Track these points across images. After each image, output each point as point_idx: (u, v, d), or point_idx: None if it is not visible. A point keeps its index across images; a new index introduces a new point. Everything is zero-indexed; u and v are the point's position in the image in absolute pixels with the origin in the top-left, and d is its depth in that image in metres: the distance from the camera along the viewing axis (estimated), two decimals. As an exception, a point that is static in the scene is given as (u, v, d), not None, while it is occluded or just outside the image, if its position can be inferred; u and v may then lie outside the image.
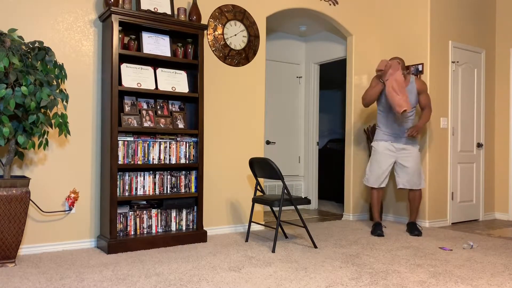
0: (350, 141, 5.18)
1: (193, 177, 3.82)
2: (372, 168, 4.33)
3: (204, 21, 4.13)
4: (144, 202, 3.66)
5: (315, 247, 3.59)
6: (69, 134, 3.13)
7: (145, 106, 3.70)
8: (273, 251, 3.43)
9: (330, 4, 4.97)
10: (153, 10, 3.62)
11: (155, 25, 3.57)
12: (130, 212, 3.54)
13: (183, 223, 3.80)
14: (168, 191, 3.71)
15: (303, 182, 6.36)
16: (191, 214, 3.83)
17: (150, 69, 3.66)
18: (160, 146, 3.65)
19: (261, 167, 3.72)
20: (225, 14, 4.24)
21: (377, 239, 3.96)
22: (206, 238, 3.79)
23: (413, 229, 4.21)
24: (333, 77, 7.74)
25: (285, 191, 3.59)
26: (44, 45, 3.33)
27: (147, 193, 3.60)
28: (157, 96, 3.75)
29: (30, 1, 3.32)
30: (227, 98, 4.27)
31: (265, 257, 3.28)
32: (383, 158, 4.26)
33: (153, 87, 3.63)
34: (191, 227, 3.83)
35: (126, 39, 3.67)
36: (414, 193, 4.31)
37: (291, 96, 6.29)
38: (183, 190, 3.78)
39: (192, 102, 3.92)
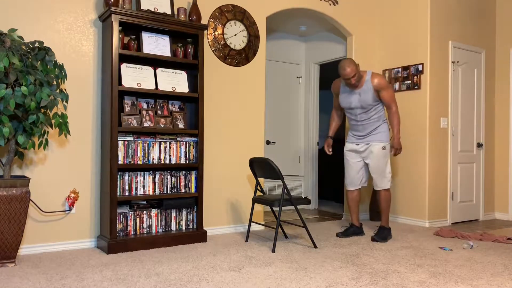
0: (350, 141, 5.18)
1: (193, 177, 3.82)
2: (345, 172, 4.17)
3: (204, 21, 4.13)
4: (144, 202, 3.66)
5: (315, 247, 3.59)
6: (69, 134, 3.13)
7: (145, 106, 3.70)
8: (273, 251, 3.43)
9: (330, 4, 4.97)
10: (153, 10, 3.62)
11: (155, 25, 3.57)
12: (130, 212, 3.54)
13: (183, 223, 3.80)
14: (168, 191, 3.71)
15: (303, 182, 6.36)
16: (191, 214, 3.83)
17: (150, 69, 3.66)
18: (160, 146, 3.65)
19: (261, 167, 3.71)
20: (225, 14, 4.24)
21: (377, 239, 3.96)
22: (206, 238, 3.79)
23: (378, 233, 3.95)
24: (333, 77, 7.72)
25: (285, 191, 3.59)
26: (44, 45, 3.33)
27: (147, 193, 3.60)
28: (157, 96, 3.75)
29: (30, 1, 3.32)
30: (227, 98, 4.27)
31: (265, 257, 3.28)
32: (351, 160, 4.10)
33: (153, 87, 3.63)
34: (191, 227, 3.83)
35: (126, 39, 3.67)
36: (379, 194, 4.01)
37: (291, 96, 6.29)
38: (183, 190, 3.78)
39: (192, 102, 3.92)
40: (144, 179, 3.59)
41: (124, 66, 3.54)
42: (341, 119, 4.32)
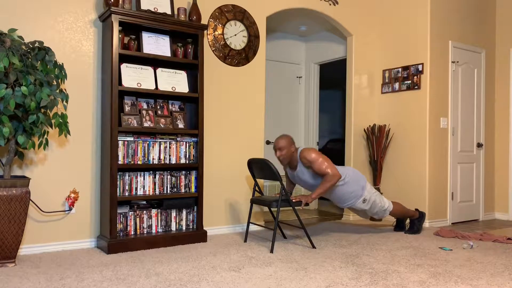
0: (350, 141, 5.18)
1: (193, 177, 3.82)
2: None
3: (204, 21, 4.13)
4: (144, 202, 3.66)
5: (313, 247, 3.59)
6: (69, 134, 3.13)
7: (145, 106, 3.70)
8: (272, 251, 3.43)
9: (330, 4, 4.97)
10: (153, 10, 3.62)
11: (155, 25, 3.57)
12: (130, 212, 3.54)
13: (183, 223, 3.79)
14: (168, 191, 3.71)
15: (303, 182, 6.35)
16: (191, 214, 3.83)
17: (150, 69, 3.66)
18: (160, 146, 3.65)
19: (259, 168, 3.71)
20: (225, 14, 4.24)
21: (377, 239, 3.95)
22: (206, 238, 3.79)
23: (411, 226, 4.26)
24: (333, 77, 7.74)
25: (283, 192, 3.59)
26: (44, 45, 3.32)
27: (147, 193, 3.60)
28: (157, 96, 3.75)
29: (30, 1, 3.32)
30: (227, 98, 4.27)
31: (265, 257, 3.28)
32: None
33: (153, 87, 3.63)
34: (191, 227, 3.83)
35: (126, 39, 3.67)
36: (391, 215, 4.14)
37: (291, 96, 6.29)
38: (183, 190, 3.78)
39: (192, 102, 3.92)
40: (144, 179, 3.59)
41: (124, 66, 3.54)
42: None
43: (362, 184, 3.87)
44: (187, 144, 3.79)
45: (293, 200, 3.57)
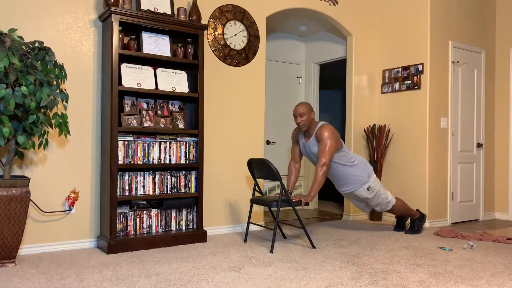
0: (350, 141, 5.18)
1: (193, 177, 3.82)
2: None
3: (204, 21, 4.13)
4: (144, 202, 3.66)
5: (313, 247, 3.59)
6: (69, 134, 3.13)
7: (145, 106, 3.70)
8: (271, 251, 3.43)
9: (330, 4, 4.97)
10: (153, 10, 3.62)
11: (155, 25, 3.57)
12: (130, 212, 3.54)
13: (183, 223, 3.80)
14: (168, 191, 3.71)
15: (303, 182, 6.35)
16: (191, 214, 3.83)
17: (150, 69, 3.66)
18: (160, 146, 3.65)
19: (259, 168, 3.71)
20: (225, 14, 4.24)
21: (377, 239, 3.95)
22: (206, 238, 3.79)
23: (411, 226, 4.26)
24: (333, 77, 7.74)
25: (283, 192, 3.59)
26: (44, 45, 3.33)
27: (147, 193, 3.60)
28: (157, 96, 3.75)
29: (30, 1, 3.32)
30: (227, 98, 4.27)
31: (265, 257, 3.28)
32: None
33: (153, 87, 3.63)
34: (191, 227, 3.83)
35: (126, 39, 3.67)
36: (391, 211, 4.15)
37: (291, 96, 6.29)
38: (183, 190, 3.78)
39: (192, 102, 3.92)
40: (144, 179, 3.59)
41: (124, 66, 3.54)
42: (299, 171, 4.11)
43: (368, 172, 3.92)
44: (187, 144, 3.79)
45: (293, 200, 3.57)
